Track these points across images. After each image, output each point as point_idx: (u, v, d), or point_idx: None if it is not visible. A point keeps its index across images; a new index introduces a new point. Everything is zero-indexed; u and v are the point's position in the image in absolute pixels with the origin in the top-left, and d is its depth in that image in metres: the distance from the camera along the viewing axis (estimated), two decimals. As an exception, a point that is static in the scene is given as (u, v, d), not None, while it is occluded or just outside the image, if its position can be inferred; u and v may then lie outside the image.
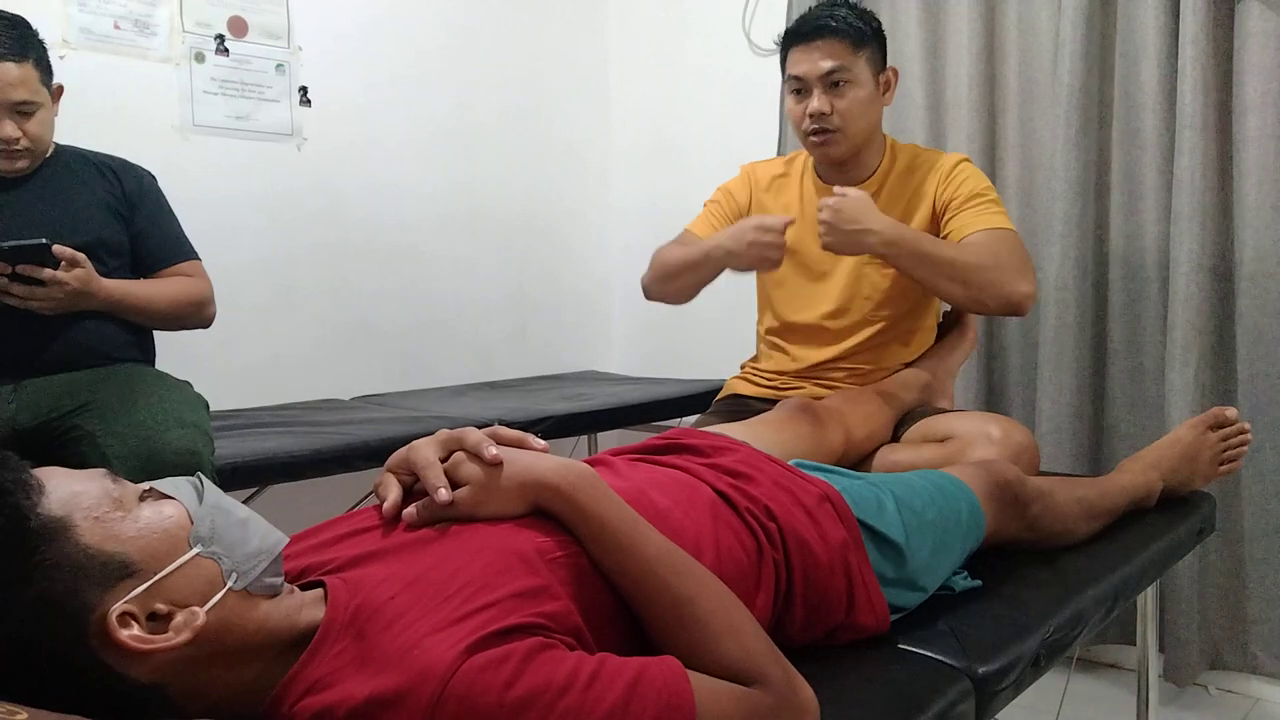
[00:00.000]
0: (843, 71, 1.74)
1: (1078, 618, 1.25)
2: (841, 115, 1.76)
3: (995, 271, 1.65)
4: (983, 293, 1.66)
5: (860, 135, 1.80)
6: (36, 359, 1.72)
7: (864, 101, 1.77)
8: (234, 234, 2.43)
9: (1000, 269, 1.66)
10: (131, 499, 0.76)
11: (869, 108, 1.78)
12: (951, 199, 1.79)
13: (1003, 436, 1.60)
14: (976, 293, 1.66)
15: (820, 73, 1.74)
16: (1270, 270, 1.99)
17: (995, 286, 1.65)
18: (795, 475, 1.19)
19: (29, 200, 1.75)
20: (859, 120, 1.78)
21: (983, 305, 1.71)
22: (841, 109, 1.75)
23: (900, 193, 1.84)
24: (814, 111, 1.75)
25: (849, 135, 1.78)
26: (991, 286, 1.65)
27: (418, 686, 0.71)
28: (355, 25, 2.67)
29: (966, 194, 1.78)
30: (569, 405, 2.38)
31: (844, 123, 1.76)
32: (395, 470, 0.95)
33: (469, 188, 2.94)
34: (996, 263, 1.66)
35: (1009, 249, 1.70)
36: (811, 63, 1.75)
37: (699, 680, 0.79)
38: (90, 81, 2.18)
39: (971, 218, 1.75)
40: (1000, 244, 1.71)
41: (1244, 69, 2.00)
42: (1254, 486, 2.04)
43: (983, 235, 1.72)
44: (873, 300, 1.84)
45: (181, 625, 0.72)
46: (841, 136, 1.78)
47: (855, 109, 1.76)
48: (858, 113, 1.77)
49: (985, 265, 1.66)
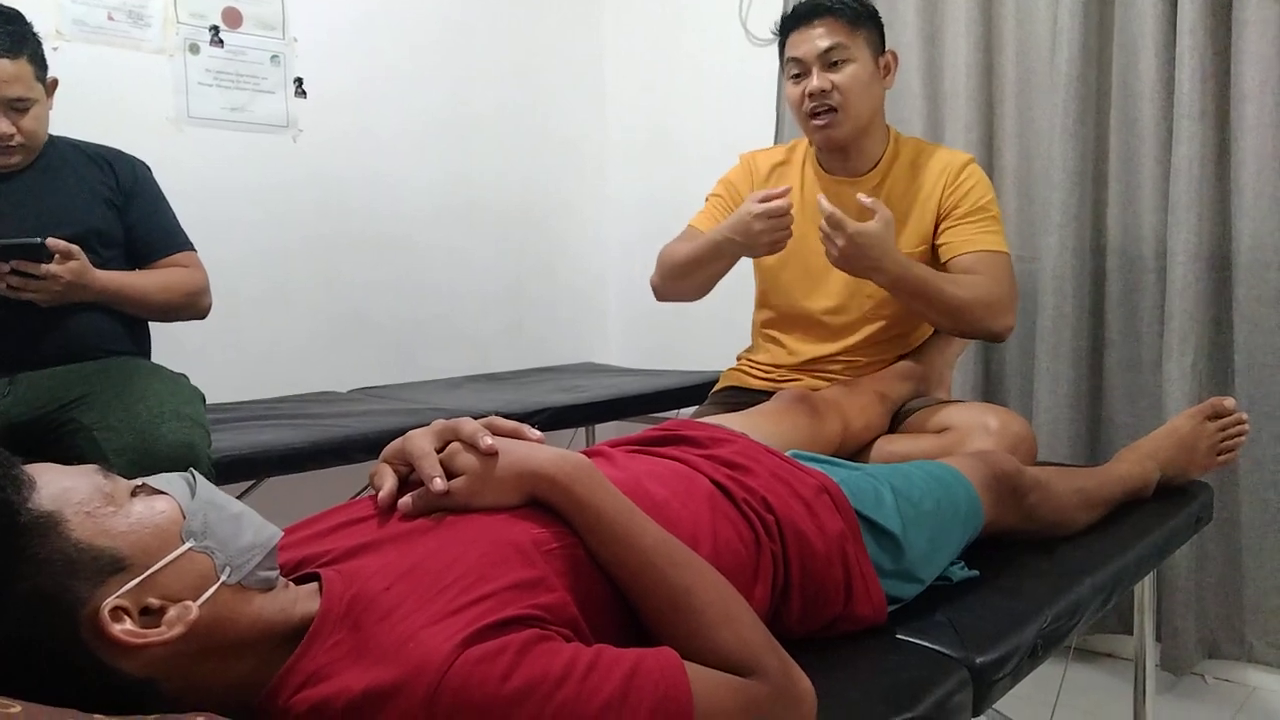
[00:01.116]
0: (841, 50, 1.73)
1: (1075, 607, 1.25)
2: (841, 92, 1.74)
3: (983, 309, 1.70)
4: (969, 327, 1.74)
5: (862, 116, 1.77)
6: (32, 352, 1.71)
7: (864, 80, 1.75)
8: (229, 226, 2.42)
9: (988, 307, 1.70)
10: (123, 494, 0.76)
11: (869, 87, 1.76)
12: (955, 207, 1.78)
13: (1000, 427, 1.60)
14: (963, 326, 1.74)
15: (818, 51, 1.73)
16: (1267, 260, 1.99)
17: (981, 323, 1.71)
18: (793, 466, 1.19)
19: (23, 192, 1.74)
20: (859, 99, 1.75)
21: (964, 334, 1.82)
22: (841, 84, 1.73)
23: (903, 188, 1.82)
24: (813, 90, 1.74)
25: (850, 114, 1.76)
26: (978, 323, 1.71)
27: (414, 679, 0.71)
28: (350, 16, 2.66)
29: (970, 206, 1.78)
30: (566, 397, 2.38)
31: (844, 99, 1.74)
32: (391, 460, 0.95)
33: (465, 180, 2.93)
34: (987, 300, 1.70)
35: (999, 280, 1.74)
36: (809, 42, 1.74)
37: (696, 671, 0.79)
38: (84, 73, 2.17)
39: (970, 235, 1.76)
40: (993, 272, 1.74)
41: (1242, 58, 1.99)
42: (1251, 476, 2.04)
43: (977, 259, 1.74)
44: (874, 299, 1.83)
45: (174, 619, 0.72)
46: (843, 116, 1.75)
47: (855, 86, 1.74)
48: (858, 90, 1.75)
49: (976, 302, 1.69)
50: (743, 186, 1.93)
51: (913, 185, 1.83)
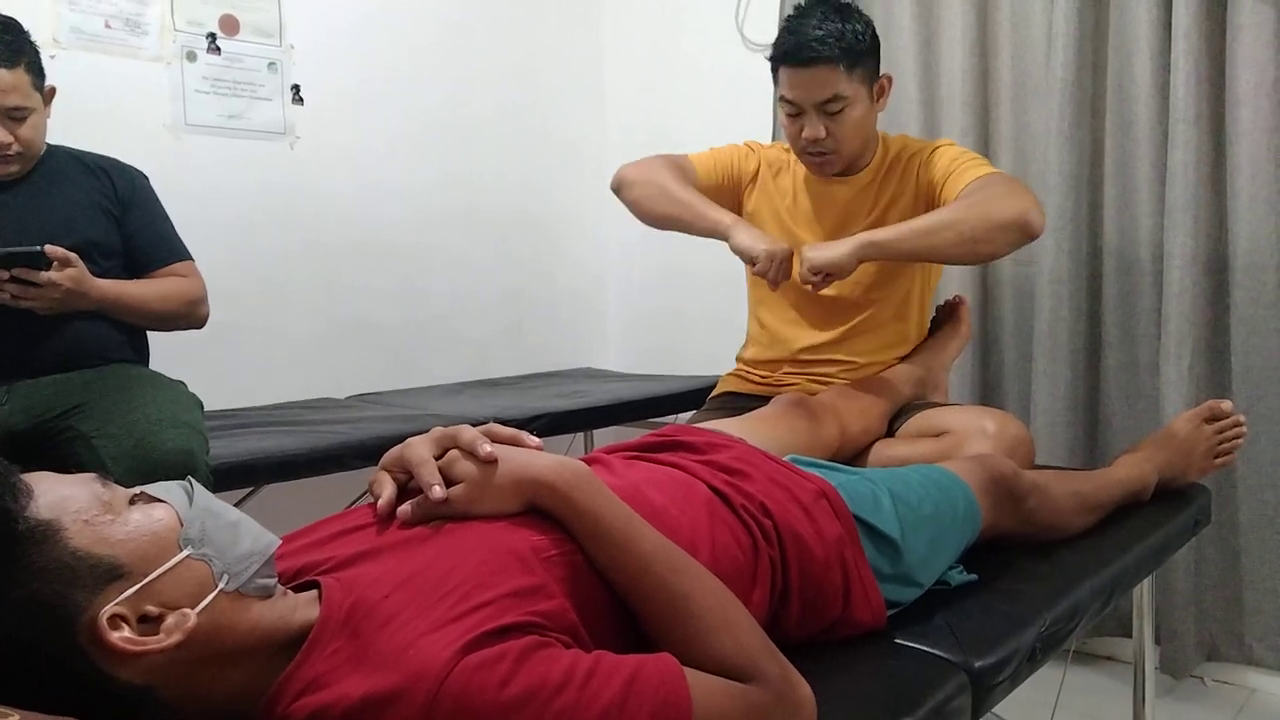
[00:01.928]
0: (837, 100, 1.70)
1: (1074, 611, 1.25)
2: (837, 139, 1.74)
3: (980, 206, 1.58)
4: (981, 230, 1.57)
5: (856, 150, 1.80)
6: (30, 360, 1.71)
7: (859, 120, 1.75)
8: (227, 233, 2.42)
9: (985, 202, 1.58)
10: (121, 502, 0.76)
11: (864, 121, 1.77)
12: (932, 178, 1.78)
13: (998, 431, 1.60)
14: (977, 237, 1.57)
15: (814, 101, 1.71)
16: (1264, 262, 2.00)
17: (986, 219, 1.57)
18: (791, 471, 1.19)
19: (21, 202, 1.74)
20: (855, 139, 1.77)
21: (991, 245, 1.61)
22: (838, 133, 1.73)
23: (890, 182, 1.84)
24: (810, 138, 1.74)
25: (845, 155, 1.78)
26: (983, 220, 1.57)
27: (413, 686, 0.71)
28: (347, 22, 2.67)
29: (944, 166, 1.76)
30: (565, 402, 2.38)
31: (839, 145, 1.75)
32: (390, 468, 0.95)
33: (464, 185, 2.93)
34: (980, 198, 1.59)
35: (993, 183, 1.64)
36: (804, 89, 1.71)
37: (695, 677, 0.79)
38: (81, 81, 2.16)
39: (955, 181, 1.73)
40: (984, 184, 1.65)
41: (1236, 61, 2.00)
42: (1249, 479, 2.05)
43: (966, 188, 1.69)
44: (861, 284, 1.84)
45: (172, 627, 0.72)
46: (837, 158, 1.78)
47: (851, 130, 1.74)
48: (853, 133, 1.75)
49: (969, 206, 1.59)
50: (748, 163, 1.95)
51: (897, 177, 1.83)
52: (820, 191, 1.87)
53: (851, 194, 1.85)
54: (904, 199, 1.82)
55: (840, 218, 1.85)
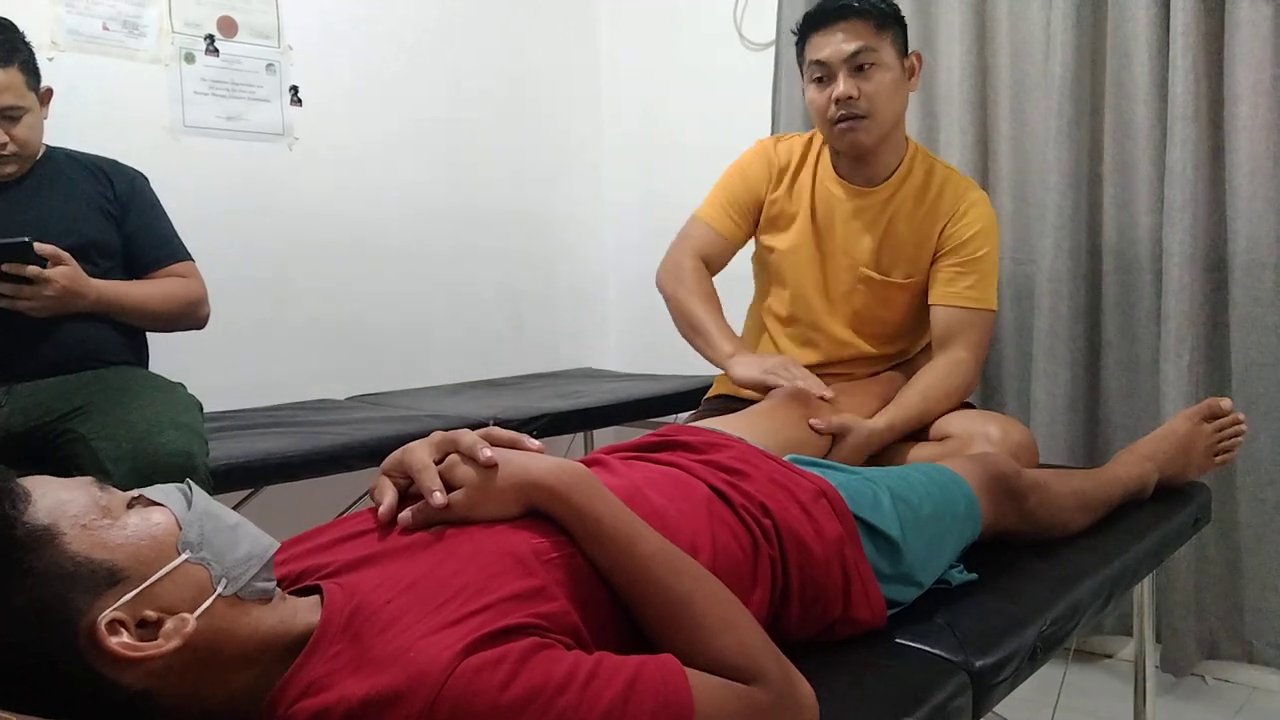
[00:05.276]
0: (868, 53, 1.66)
1: (1074, 610, 1.25)
2: (869, 99, 1.67)
3: (960, 394, 1.75)
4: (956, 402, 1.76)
5: (889, 122, 1.73)
6: (29, 362, 1.71)
7: (891, 85, 1.69)
8: (227, 234, 2.42)
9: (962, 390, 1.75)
10: (119, 506, 0.76)
11: (896, 92, 1.71)
12: (953, 248, 1.78)
13: (1001, 436, 1.60)
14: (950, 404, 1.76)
15: (844, 55, 1.66)
16: (1263, 260, 1.99)
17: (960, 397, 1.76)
18: (790, 471, 1.19)
19: (19, 203, 1.74)
20: (887, 105, 1.70)
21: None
22: (869, 92, 1.67)
23: (910, 209, 1.79)
24: (840, 96, 1.67)
25: (878, 121, 1.70)
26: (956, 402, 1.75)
27: (414, 687, 0.71)
28: (346, 23, 2.66)
29: (967, 255, 1.77)
30: (564, 403, 2.38)
31: (872, 107, 1.68)
32: (390, 473, 0.95)
33: (462, 185, 2.93)
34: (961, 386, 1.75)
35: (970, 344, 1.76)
36: (834, 45, 1.67)
37: (697, 678, 0.79)
38: (79, 83, 2.16)
39: (960, 287, 1.77)
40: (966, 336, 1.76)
41: (1235, 59, 1.99)
42: (1248, 476, 2.05)
43: (954, 316, 1.76)
44: (879, 338, 1.86)
45: (171, 632, 0.72)
46: (871, 123, 1.69)
47: (883, 92, 1.68)
48: (886, 96, 1.69)
49: (956, 392, 1.74)
50: (758, 174, 1.87)
51: (919, 209, 1.79)
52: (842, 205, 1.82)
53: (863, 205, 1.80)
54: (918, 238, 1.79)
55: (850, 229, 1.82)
